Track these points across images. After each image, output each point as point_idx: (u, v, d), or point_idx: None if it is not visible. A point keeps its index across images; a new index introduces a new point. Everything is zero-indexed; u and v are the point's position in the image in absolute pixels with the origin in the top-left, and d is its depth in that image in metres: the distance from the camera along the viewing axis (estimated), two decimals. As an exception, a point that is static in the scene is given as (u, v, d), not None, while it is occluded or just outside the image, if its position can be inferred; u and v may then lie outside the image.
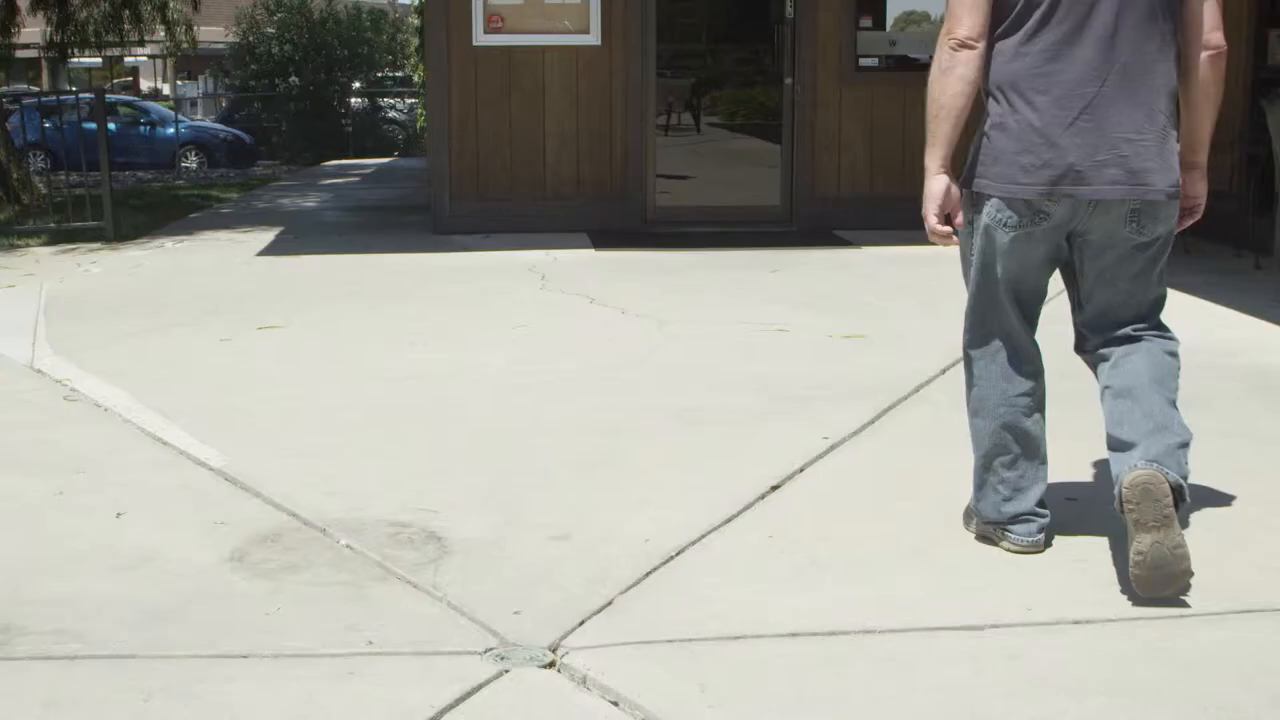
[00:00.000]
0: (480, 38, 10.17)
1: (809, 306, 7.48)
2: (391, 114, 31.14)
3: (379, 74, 32.14)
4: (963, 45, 3.54)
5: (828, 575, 3.69)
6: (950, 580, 3.65)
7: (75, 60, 30.00)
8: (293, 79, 28.63)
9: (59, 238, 10.63)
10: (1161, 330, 3.85)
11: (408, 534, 3.99)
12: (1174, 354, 3.83)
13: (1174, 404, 3.69)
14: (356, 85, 30.58)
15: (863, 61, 10.29)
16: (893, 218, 10.18)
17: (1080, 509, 4.14)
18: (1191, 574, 3.44)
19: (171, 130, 26.63)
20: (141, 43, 22.12)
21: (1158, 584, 3.40)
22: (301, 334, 6.92)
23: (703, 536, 3.95)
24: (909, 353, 6.24)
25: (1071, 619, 3.39)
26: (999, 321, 3.82)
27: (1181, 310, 7.35)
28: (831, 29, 10.25)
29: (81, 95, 14.56)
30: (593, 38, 10.24)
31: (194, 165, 25.96)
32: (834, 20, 10.26)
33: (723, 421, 5.20)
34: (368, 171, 19.20)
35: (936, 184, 3.64)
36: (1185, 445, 3.57)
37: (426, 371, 6.06)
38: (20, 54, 21.05)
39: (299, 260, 9.49)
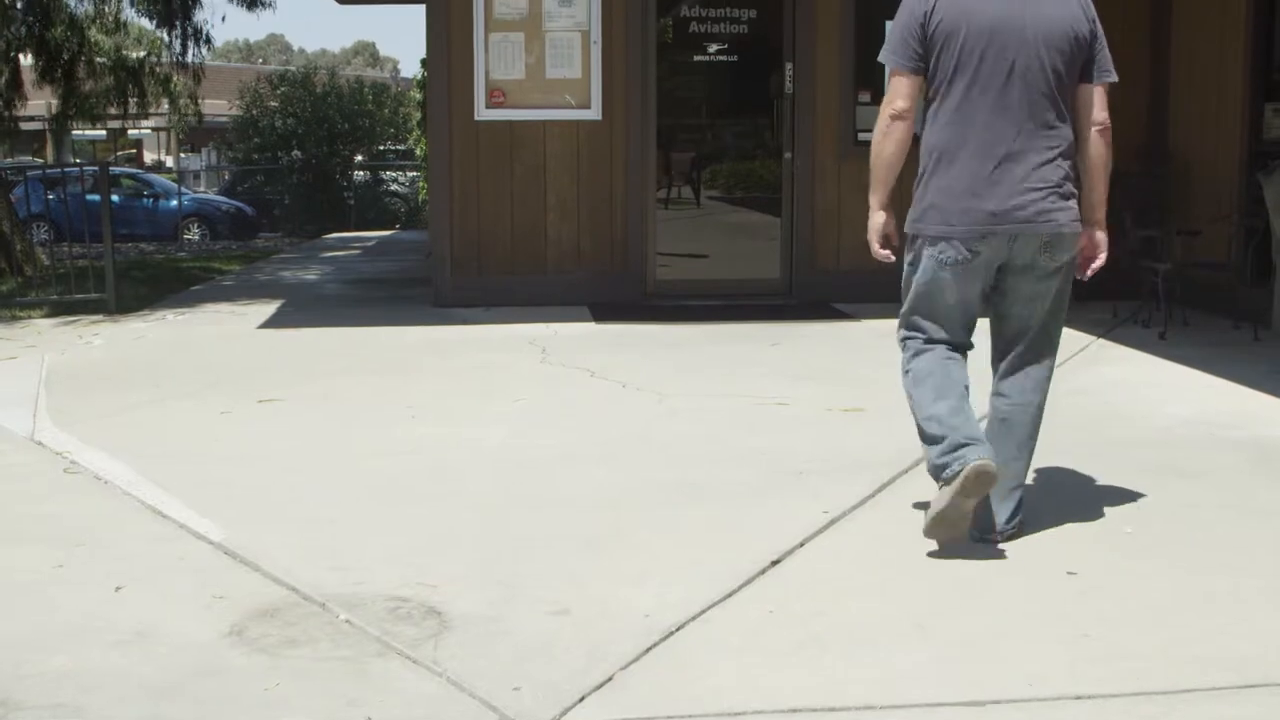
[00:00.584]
0: (482, 112, 10.26)
1: (809, 379, 7.49)
2: (393, 187, 31.32)
3: (381, 147, 32.36)
4: (898, 116, 4.46)
5: (828, 651, 3.68)
6: (952, 655, 3.63)
7: (79, 132, 30.24)
8: (295, 152, 28.82)
9: (61, 309, 10.66)
10: (1047, 374, 4.65)
11: (407, 609, 3.98)
12: (1041, 404, 4.65)
13: (1034, 436, 4.64)
14: (359, 158, 30.78)
15: (861, 136, 10.35)
16: (892, 291, 10.22)
17: (1082, 583, 4.14)
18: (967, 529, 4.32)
19: (174, 202, 26.80)
20: (145, 115, 22.32)
21: (942, 528, 4.30)
22: (302, 407, 6.93)
23: (703, 611, 3.94)
24: (908, 427, 6.22)
25: (1074, 694, 3.38)
26: (939, 347, 4.56)
27: (1181, 382, 7.42)
28: (830, 104, 10.35)
29: (86, 168, 14.65)
30: (594, 112, 10.33)
31: (196, 237, 26.10)
32: (833, 95, 10.35)
33: (723, 495, 5.20)
34: (369, 244, 19.28)
35: (878, 218, 4.61)
36: (1019, 486, 4.57)
37: (427, 445, 6.06)
38: (25, 126, 21.20)
39: (300, 333, 9.52)
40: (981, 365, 4.73)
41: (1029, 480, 4.82)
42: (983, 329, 4.68)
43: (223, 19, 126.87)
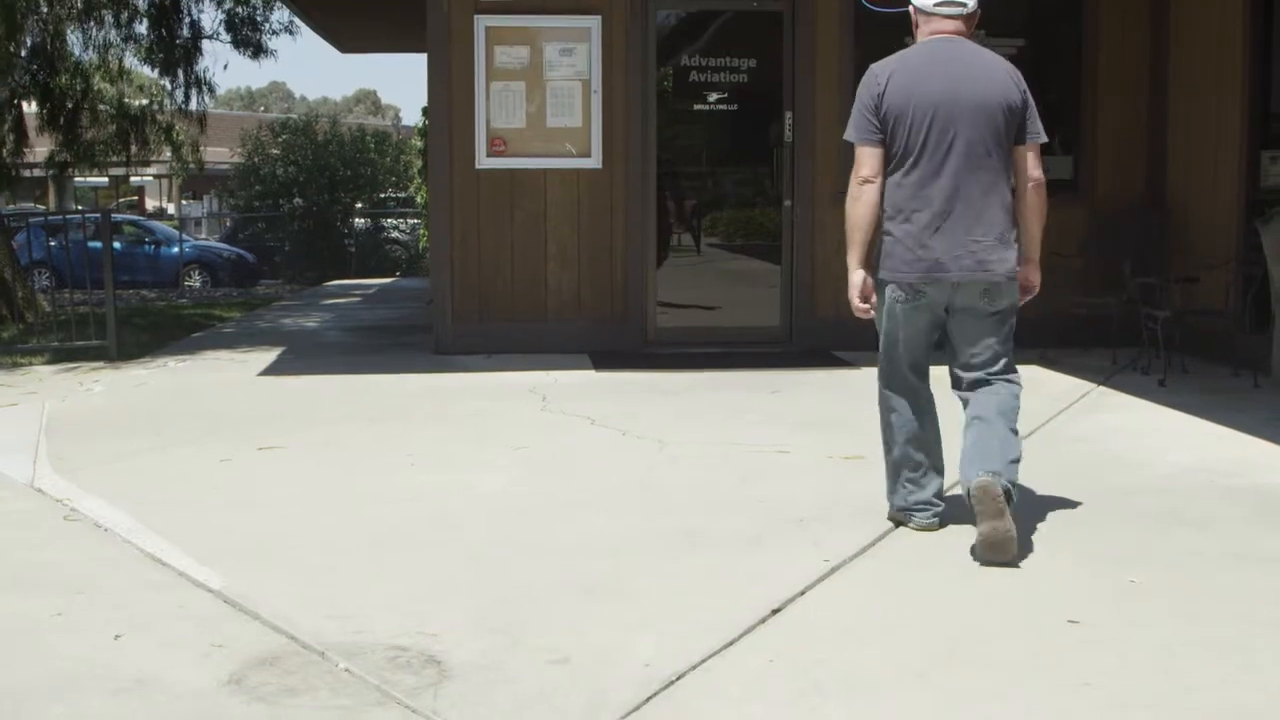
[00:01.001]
0: (483, 161, 10.31)
1: (809, 427, 7.49)
2: (394, 234, 31.41)
3: (382, 195, 32.46)
4: (866, 182, 5.13)
5: (829, 699, 3.67)
6: (954, 704, 3.62)
7: (81, 179, 30.35)
8: (296, 200, 28.91)
9: (61, 356, 10.68)
10: (1008, 376, 5.25)
11: (407, 657, 3.97)
12: (1016, 395, 5.23)
13: (1013, 429, 5.11)
14: (359, 206, 30.87)
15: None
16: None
17: (1085, 633, 4.12)
18: (1016, 548, 4.77)
19: (175, 249, 26.88)
20: (147, 162, 22.41)
21: (993, 554, 4.78)
22: (302, 454, 6.93)
23: (703, 660, 3.93)
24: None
25: (1076, 745, 3.37)
26: (902, 371, 5.31)
27: (1181, 429, 7.42)
28: (830, 152, 10.38)
29: (88, 215, 14.70)
30: (594, 161, 10.38)
31: (198, 284, 26.18)
32: (832, 143, 10.37)
33: (723, 543, 5.19)
34: (370, 291, 19.33)
35: (856, 276, 5.18)
36: (1017, 460, 5.03)
37: (427, 492, 6.06)
38: (28, 173, 21.29)
39: (300, 380, 9.53)
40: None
41: (1035, 530, 4.81)
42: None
43: (225, 67, 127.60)
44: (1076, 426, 7.51)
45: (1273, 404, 8.07)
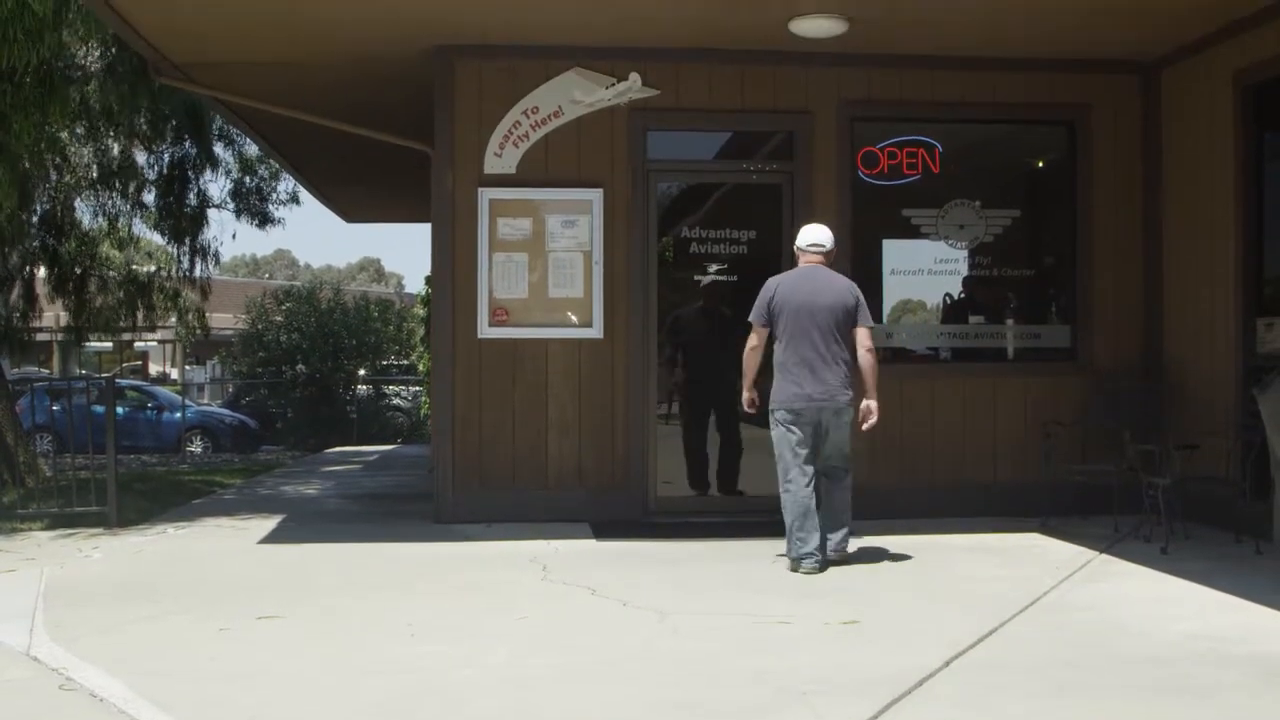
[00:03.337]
0: (485, 330, 10.40)
1: (809, 597, 7.47)
2: (396, 401, 31.51)
3: (384, 362, 32.64)
4: (754, 349, 8.58)
5: None
6: None
7: (87, 344, 30.58)
8: (299, 366, 29.07)
9: (60, 522, 10.67)
10: (847, 470, 8.49)
11: (404, 833, 3.91)
12: (848, 485, 8.49)
13: (847, 504, 8.47)
14: (362, 372, 31.03)
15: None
16: (892, 507, 10.28)
17: None
18: None
19: (178, 415, 26.98)
20: (153, 327, 22.59)
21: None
22: (301, 624, 6.89)
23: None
24: (910, 646, 6.22)
25: None
26: (793, 465, 8.31)
27: (1185, 597, 7.40)
28: (829, 322, 10.48)
29: (92, 380, 14.79)
30: (595, 331, 10.48)
31: (199, 449, 26.22)
32: (831, 314, 10.50)
33: (725, 716, 5.14)
34: (371, 459, 19.35)
35: (747, 394, 8.62)
36: (849, 532, 8.49)
37: (427, 664, 6.01)
38: (36, 337, 21.47)
39: (300, 549, 9.51)
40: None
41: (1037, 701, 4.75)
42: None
43: (234, 236, 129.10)
44: (1079, 595, 7.48)
45: (1276, 571, 8.06)
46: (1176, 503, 9.12)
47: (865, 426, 8.35)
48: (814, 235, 8.65)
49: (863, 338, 8.37)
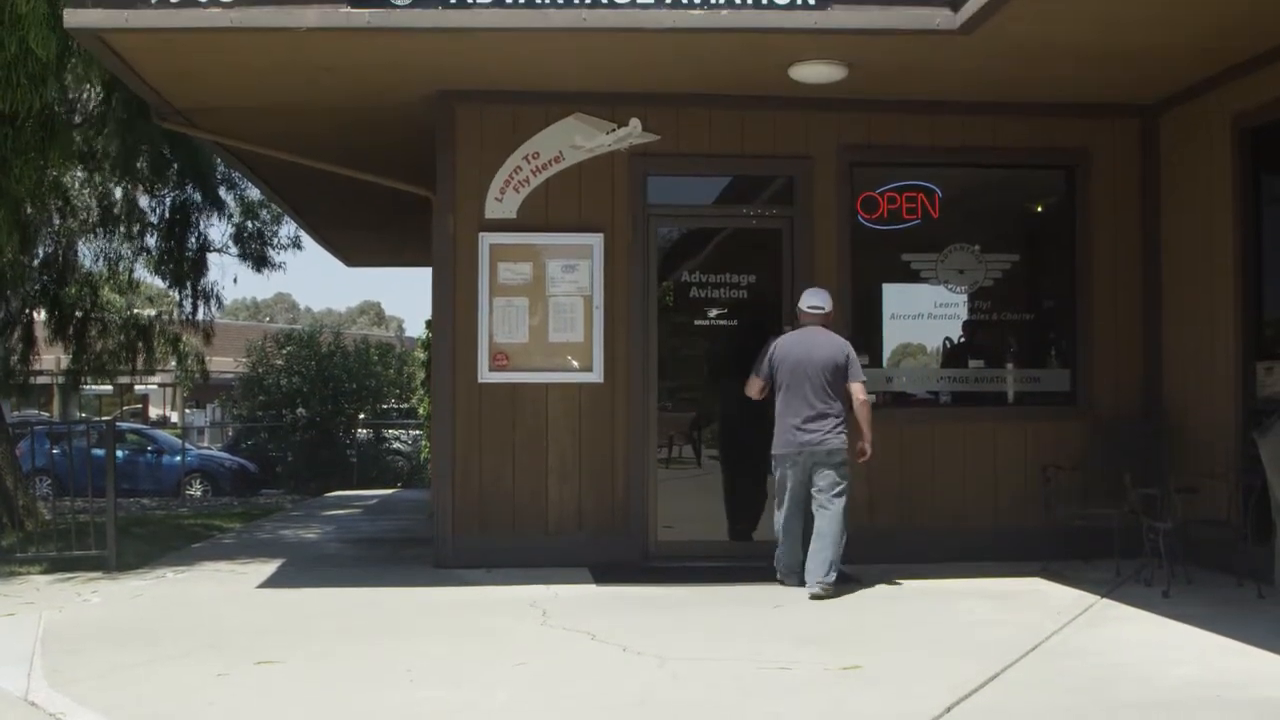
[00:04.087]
0: (485, 374, 10.40)
1: (811, 642, 7.44)
2: (396, 445, 31.45)
3: (385, 405, 32.61)
4: (752, 396, 9.65)
5: None
6: None
7: (87, 387, 30.57)
8: (299, 410, 29.04)
9: (59, 566, 10.64)
10: (837, 499, 9.21)
11: None
12: (841, 511, 9.19)
13: (835, 536, 9.11)
14: (362, 416, 30.99)
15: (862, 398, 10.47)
16: (893, 551, 10.25)
17: None
18: None
19: (178, 458, 26.94)
20: (153, 371, 22.57)
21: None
22: (300, 669, 6.86)
23: None
24: (912, 691, 6.20)
25: None
26: (789, 502, 9.35)
27: (1186, 641, 7.37)
28: (829, 366, 10.49)
29: (92, 424, 14.78)
30: (596, 375, 10.48)
31: (199, 493, 26.17)
32: (831, 358, 10.50)
33: (725, 762, 5.12)
34: (371, 503, 19.32)
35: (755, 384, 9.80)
36: (837, 557, 9.09)
37: (426, 709, 5.99)
38: (36, 380, 21.46)
39: (300, 593, 9.48)
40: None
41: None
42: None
43: (235, 280, 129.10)
44: (1080, 640, 7.46)
45: (1277, 616, 8.02)
46: (1178, 546, 9.10)
47: (860, 461, 9.41)
48: (813, 299, 9.59)
49: (856, 391, 9.30)
